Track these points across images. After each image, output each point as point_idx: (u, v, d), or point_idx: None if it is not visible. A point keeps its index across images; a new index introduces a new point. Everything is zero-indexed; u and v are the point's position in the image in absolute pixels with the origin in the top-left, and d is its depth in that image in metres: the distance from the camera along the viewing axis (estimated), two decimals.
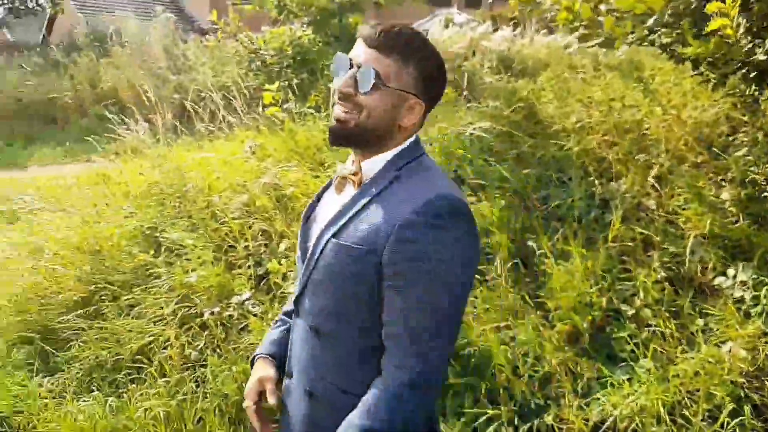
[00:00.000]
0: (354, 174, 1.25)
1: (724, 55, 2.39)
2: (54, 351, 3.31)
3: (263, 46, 5.10)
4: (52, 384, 3.13)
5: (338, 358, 1.26)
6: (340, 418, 1.20)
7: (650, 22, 2.42)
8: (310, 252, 1.27)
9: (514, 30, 6.54)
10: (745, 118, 3.10)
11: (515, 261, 2.80)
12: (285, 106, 4.68)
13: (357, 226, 1.20)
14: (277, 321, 1.55)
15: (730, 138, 3.11)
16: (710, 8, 2.14)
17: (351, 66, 1.21)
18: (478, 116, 3.57)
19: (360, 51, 1.20)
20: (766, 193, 2.68)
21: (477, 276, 2.86)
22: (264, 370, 1.41)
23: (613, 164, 2.95)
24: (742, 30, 2.29)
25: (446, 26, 7.98)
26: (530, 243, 2.76)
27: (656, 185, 2.81)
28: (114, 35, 10.57)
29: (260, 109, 4.57)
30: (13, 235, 4.34)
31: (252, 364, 1.49)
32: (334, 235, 1.22)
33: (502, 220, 2.90)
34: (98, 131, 6.97)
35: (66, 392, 3.08)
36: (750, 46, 2.29)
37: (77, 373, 3.16)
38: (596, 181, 2.90)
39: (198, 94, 5.93)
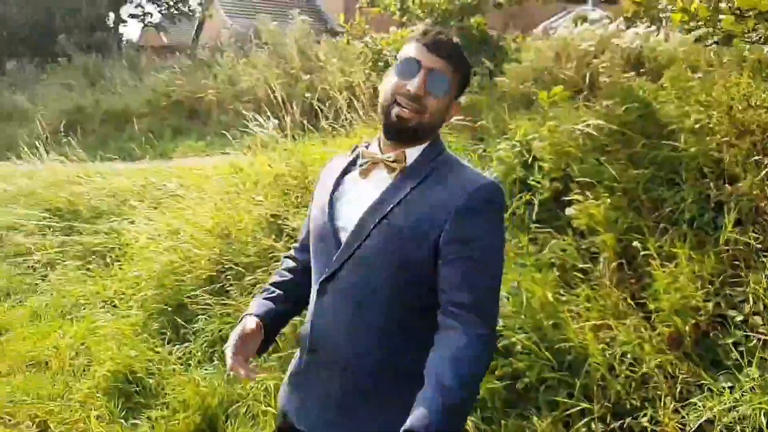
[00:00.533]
0: (395, 161, 1.39)
1: None
2: (184, 323, 3.75)
3: (386, 47, 5.37)
4: (180, 352, 3.57)
5: (381, 333, 1.36)
6: (378, 391, 1.35)
7: None
8: (352, 233, 1.38)
9: (650, 26, 6.26)
10: None
11: (620, 261, 2.78)
12: None
13: (408, 210, 1.34)
14: (264, 290, 1.62)
15: None
16: None
17: (418, 67, 1.35)
18: (592, 115, 3.54)
19: (426, 56, 1.36)
20: None
21: (580, 275, 2.88)
22: (247, 322, 1.46)
23: (730, 167, 2.82)
24: None
25: (577, 23, 7.79)
26: (636, 244, 2.73)
27: None
28: (253, 37, 11.43)
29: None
30: (156, 218, 4.95)
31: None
32: (384, 218, 1.35)
33: (609, 220, 2.89)
34: (235, 126, 7.70)
35: (191, 360, 3.51)
36: None
37: (202, 344, 3.57)
38: (711, 184, 2.79)
39: (326, 93, 6.35)
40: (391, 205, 1.35)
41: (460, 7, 5.54)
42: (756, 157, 2.80)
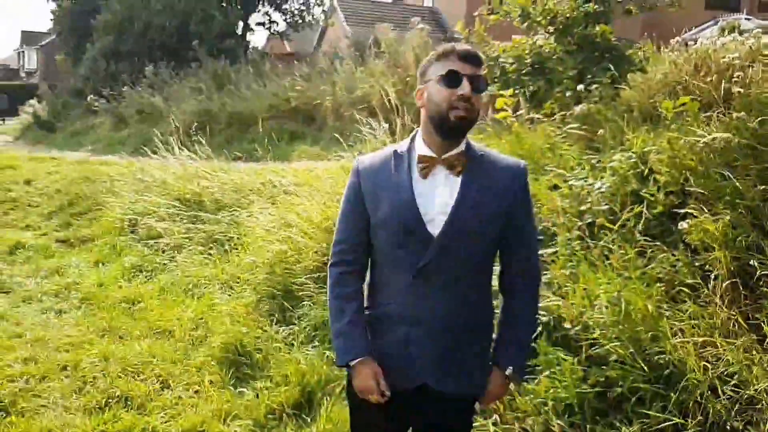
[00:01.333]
0: (458, 159, 1.72)
1: None
2: (290, 307, 4.10)
3: (503, 54, 5.48)
4: (286, 333, 3.91)
5: (474, 296, 1.79)
6: (476, 337, 1.82)
7: None
8: (447, 222, 1.69)
9: None
10: None
11: (734, 281, 2.72)
12: (518, 113, 4.99)
13: (487, 196, 1.72)
14: (352, 314, 1.82)
15: None
16: None
17: (460, 77, 1.65)
18: (722, 128, 3.46)
19: (463, 65, 1.67)
20: None
21: (688, 290, 2.85)
22: (373, 365, 1.78)
23: None
24: None
25: (725, 33, 7.42)
26: (754, 263, 2.67)
27: None
28: (373, 45, 11.92)
29: (490, 113, 4.95)
30: (272, 212, 5.39)
31: (348, 364, 1.81)
32: (475, 206, 1.70)
33: (727, 237, 2.84)
34: (349, 131, 8.10)
35: (294, 341, 3.83)
36: None
37: (305, 327, 3.89)
38: None
39: None
40: (474, 194, 1.71)
41: (584, 14, 5.53)
42: None
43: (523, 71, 5.33)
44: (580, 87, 4.94)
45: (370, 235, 1.81)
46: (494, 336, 1.88)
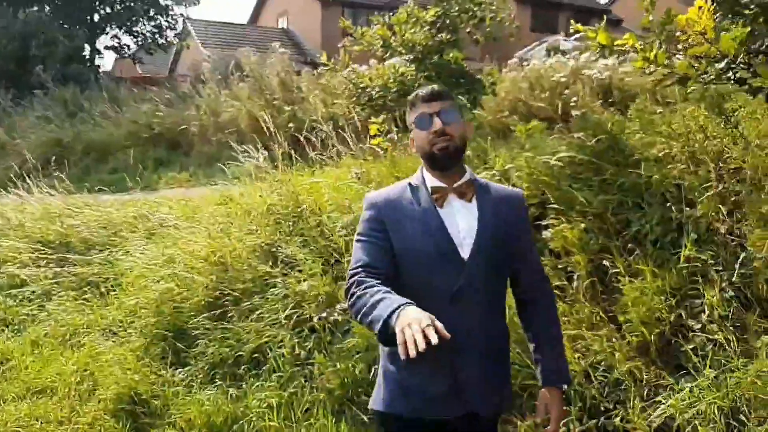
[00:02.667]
0: (468, 187, 1.84)
1: None
2: (184, 348, 3.97)
3: (369, 83, 5.72)
4: (183, 375, 3.77)
5: (501, 318, 1.91)
6: (502, 362, 1.93)
7: (723, 63, 2.70)
8: (474, 247, 1.80)
9: (619, 57, 6.69)
10: None
11: (592, 279, 3.11)
12: (389, 137, 5.23)
13: (500, 220, 1.84)
14: (383, 297, 1.63)
15: None
16: None
17: (430, 116, 1.82)
18: (565, 146, 3.90)
19: (428, 105, 1.84)
20: None
21: (557, 291, 3.19)
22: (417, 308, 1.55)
23: (690, 191, 3.19)
24: None
25: (550, 54, 8.21)
26: (606, 263, 3.07)
27: (732, 211, 3.02)
28: (234, 69, 11.73)
29: (367, 139, 5.15)
30: (151, 248, 5.17)
31: (385, 324, 1.55)
32: (494, 232, 1.82)
33: (582, 242, 3.22)
34: (220, 157, 7.92)
35: (194, 382, 3.71)
36: None
37: (203, 366, 3.79)
38: (673, 207, 3.15)
39: (311, 124, 6.65)
40: (488, 219, 1.84)
41: (438, 43, 5.94)
42: (709, 183, 3.15)
43: (389, 98, 5.59)
44: None
45: (396, 263, 1.80)
46: (534, 357, 1.95)
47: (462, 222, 1.82)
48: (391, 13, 6.12)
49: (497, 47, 8.36)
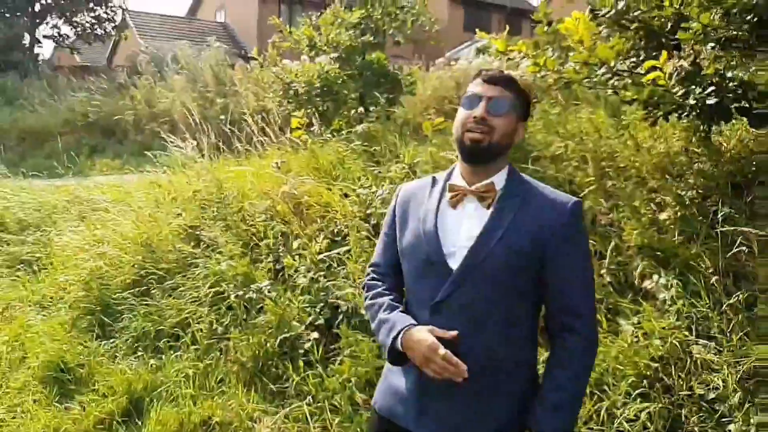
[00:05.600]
0: (486, 191, 1.55)
1: (656, 99, 2.85)
2: (110, 322, 4.05)
3: (295, 79, 5.87)
4: (107, 347, 3.87)
5: (494, 340, 1.50)
6: (491, 389, 1.50)
7: (601, 71, 2.97)
8: (467, 256, 1.49)
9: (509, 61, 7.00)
10: (699, 150, 3.60)
11: None
12: (311, 130, 5.41)
13: (519, 231, 1.49)
14: (386, 307, 1.61)
15: (685, 168, 3.61)
16: (647, 65, 2.73)
17: (480, 98, 1.55)
18: None
19: (485, 87, 1.57)
20: (692, 215, 3.15)
21: None
22: (424, 329, 1.49)
23: (579, 188, 3.45)
24: (673, 80, 2.78)
25: (479, 54, 8.47)
26: None
27: (615, 206, 3.28)
28: (171, 61, 11.59)
29: (289, 132, 5.32)
30: (83, 229, 5.17)
31: (391, 351, 1.55)
32: (500, 241, 1.48)
33: None
34: (152, 146, 7.87)
35: (118, 354, 3.82)
36: (683, 92, 2.72)
37: (127, 339, 3.89)
38: None
39: (241, 116, 6.75)
40: (504, 228, 1.50)
41: (362, 43, 6.15)
42: (594, 179, 3.44)
43: (314, 93, 5.76)
44: (361, 109, 5.52)
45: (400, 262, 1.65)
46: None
47: (465, 229, 1.53)
48: (321, 12, 6.29)
49: (428, 45, 8.66)
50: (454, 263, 1.51)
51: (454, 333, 1.46)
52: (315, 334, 3.40)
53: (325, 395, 3.09)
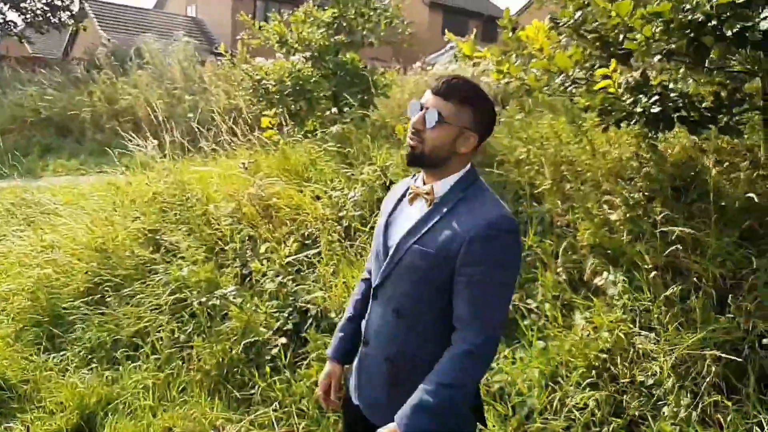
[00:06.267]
0: (427, 193, 1.67)
1: (608, 107, 3.03)
2: (60, 333, 3.91)
3: (266, 76, 5.80)
4: (57, 360, 3.72)
5: (415, 335, 1.66)
6: (416, 377, 1.58)
7: (558, 79, 3.10)
8: (392, 251, 1.67)
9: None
10: (647, 156, 3.72)
11: None
12: (284, 130, 5.35)
13: (435, 236, 1.60)
14: (348, 310, 1.96)
15: (635, 172, 3.74)
16: (599, 73, 2.84)
17: (421, 108, 1.64)
18: None
19: (428, 97, 1.65)
20: (638, 216, 3.29)
21: None
22: (332, 368, 1.93)
23: (541, 190, 3.57)
24: (622, 89, 2.99)
25: (456, 60, 8.54)
26: None
27: (572, 207, 3.44)
28: (134, 56, 11.38)
29: (258, 131, 5.25)
30: (29, 234, 4.99)
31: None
32: (416, 242, 1.62)
33: None
34: (112, 145, 7.70)
35: (69, 367, 3.68)
36: (632, 100, 2.92)
37: (80, 351, 3.76)
38: (524, 203, 3.53)
39: (210, 115, 6.64)
40: (422, 232, 1.63)
41: (335, 43, 6.11)
42: (563, 183, 3.55)
43: (285, 92, 5.70)
44: (335, 110, 5.48)
45: None
46: None
47: (404, 226, 1.69)
48: (294, 10, 6.24)
49: (409, 50, 8.68)
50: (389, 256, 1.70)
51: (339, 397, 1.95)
52: (283, 339, 3.40)
53: (293, 400, 3.11)
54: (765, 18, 2.37)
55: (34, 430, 3.14)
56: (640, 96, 2.89)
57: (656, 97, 2.91)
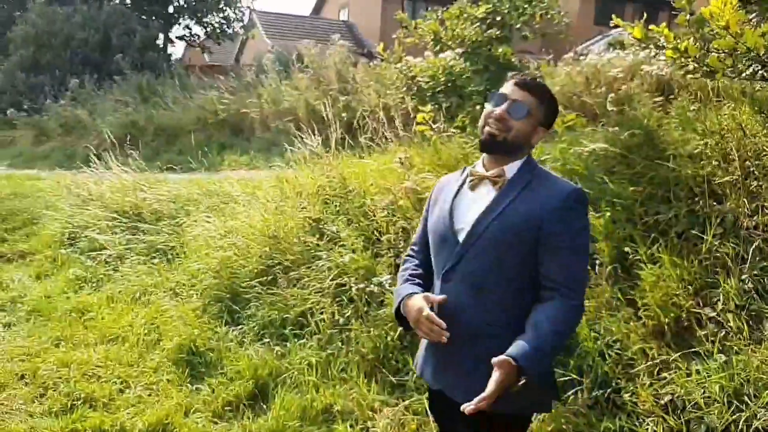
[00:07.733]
0: (498, 176, 1.78)
1: None
2: (238, 309, 4.27)
3: (419, 73, 5.86)
4: (235, 333, 4.07)
5: (495, 307, 1.73)
6: (492, 348, 1.61)
7: (748, 60, 2.72)
8: (467, 232, 1.75)
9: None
10: None
11: (615, 266, 3.19)
12: (435, 126, 5.37)
13: (516, 211, 1.71)
14: (405, 279, 1.93)
15: None
16: None
17: (506, 99, 1.77)
18: (600, 139, 3.97)
19: (513, 89, 1.78)
20: None
21: None
22: (415, 300, 1.79)
23: (720, 187, 3.21)
24: None
25: (611, 48, 8.01)
26: (627, 249, 3.14)
27: (761, 207, 3.04)
28: (296, 60, 12.05)
29: (413, 127, 5.31)
30: (214, 220, 5.50)
31: (398, 313, 1.90)
32: (495, 218, 1.72)
33: (608, 230, 3.31)
34: (278, 142, 8.23)
35: (245, 340, 4.01)
36: None
37: (254, 326, 4.07)
38: (701, 202, 3.19)
39: (362, 113, 6.87)
40: (502, 207, 1.74)
41: (488, 38, 6.01)
42: (738, 179, 3.16)
43: (438, 89, 5.71)
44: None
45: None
46: None
47: (474, 208, 1.77)
48: (447, 8, 6.23)
49: (556, 39, 8.32)
50: (462, 238, 1.76)
51: (442, 297, 1.74)
52: None
53: None
54: None
55: (219, 393, 3.46)
56: None
57: None
